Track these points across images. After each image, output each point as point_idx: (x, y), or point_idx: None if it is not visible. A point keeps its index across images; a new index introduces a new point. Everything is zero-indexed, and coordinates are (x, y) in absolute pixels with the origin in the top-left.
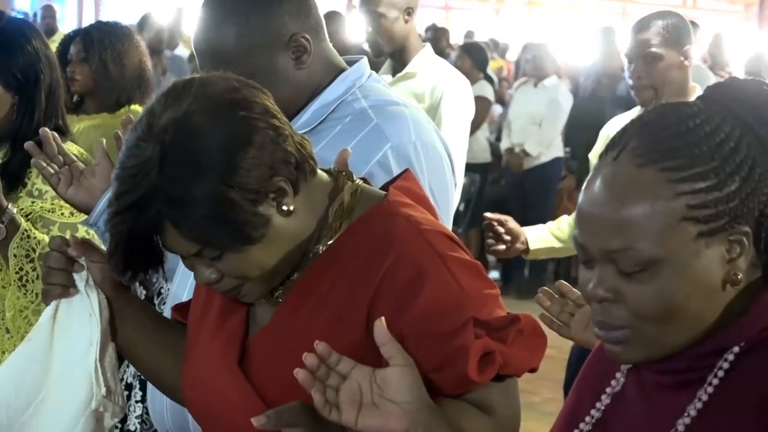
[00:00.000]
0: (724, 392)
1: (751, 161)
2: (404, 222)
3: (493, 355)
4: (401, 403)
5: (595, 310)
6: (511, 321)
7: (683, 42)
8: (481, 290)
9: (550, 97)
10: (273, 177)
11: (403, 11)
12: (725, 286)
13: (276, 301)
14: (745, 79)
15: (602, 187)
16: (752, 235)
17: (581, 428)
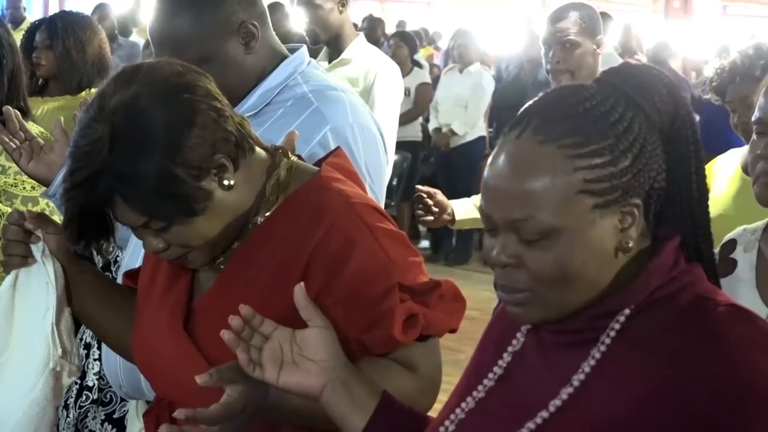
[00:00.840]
0: (616, 350)
1: (642, 140)
2: (335, 195)
3: (416, 317)
4: (319, 361)
5: (498, 274)
6: (433, 286)
7: (597, 31)
8: (405, 258)
9: (475, 82)
10: (215, 154)
11: (337, 2)
12: (617, 254)
13: (218, 268)
14: (637, 64)
15: (506, 162)
16: (642, 207)
17: (485, 383)
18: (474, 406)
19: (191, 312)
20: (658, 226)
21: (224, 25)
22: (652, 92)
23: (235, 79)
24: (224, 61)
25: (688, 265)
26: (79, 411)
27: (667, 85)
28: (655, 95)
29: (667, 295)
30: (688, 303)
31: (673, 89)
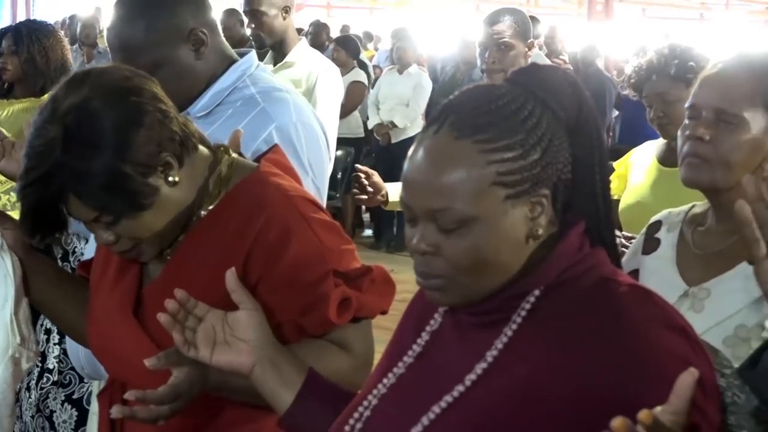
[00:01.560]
0: (526, 328)
1: (550, 135)
2: (273, 189)
3: (350, 300)
4: (249, 340)
5: (418, 261)
6: (365, 272)
7: (528, 35)
8: (339, 246)
9: (416, 82)
10: (161, 153)
11: (281, 9)
12: (528, 240)
13: (165, 259)
14: (544, 65)
15: (425, 156)
16: (550, 197)
17: (405, 361)
18: (395, 381)
19: (141, 300)
20: (564, 214)
21: (175, 32)
22: (558, 91)
23: (187, 82)
24: (176, 66)
25: (592, 249)
26: (40, 392)
27: (572, 84)
28: (561, 94)
29: (573, 277)
30: (592, 284)
31: (578, 88)
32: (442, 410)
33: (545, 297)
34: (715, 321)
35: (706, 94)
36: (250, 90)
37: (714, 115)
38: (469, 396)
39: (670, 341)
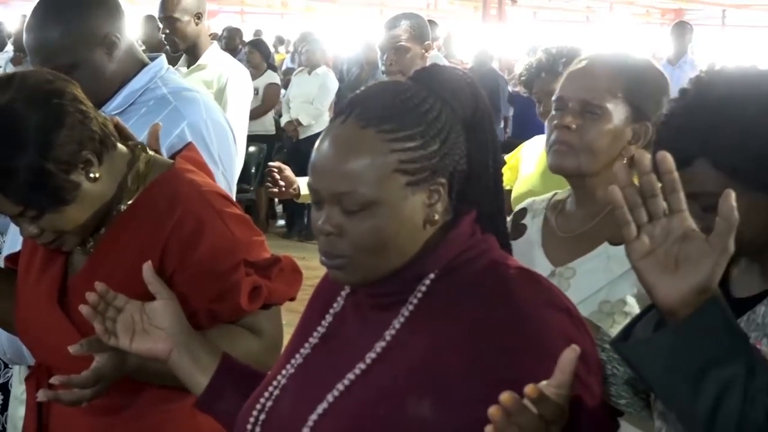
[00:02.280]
0: (422, 309)
1: (448, 129)
2: (187, 184)
3: (260, 288)
4: (165, 328)
5: (322, 242)
6: (274, 261)
7: (425, 37)
8: (250, 237)
9: (321, 82)
10: (81, 151)
11: (193, 16)
12: (425, 225)
13: (88, 250)
14: (444, 66)
15: (332, 144)
16: (447, 185)
17: (310, 341)
18: (302, 361)
19: (66, 289)
20: (459, 203)
21: (90, 36)
22: (456, 89)
23: (100, 83)
24: (90, 68)
25: (483, 235)
26: None
27: (469, 84)
28: (458, 92)
29: (465, 261)
30: (483, 267)
31: (474, 87)
32: (346, 387)
33: (440, 280)
34: (581, 298)
35: (572, 87)
36: (162, 90)
37: (579, 106)
38: (370, 373)
39: (555, 320)
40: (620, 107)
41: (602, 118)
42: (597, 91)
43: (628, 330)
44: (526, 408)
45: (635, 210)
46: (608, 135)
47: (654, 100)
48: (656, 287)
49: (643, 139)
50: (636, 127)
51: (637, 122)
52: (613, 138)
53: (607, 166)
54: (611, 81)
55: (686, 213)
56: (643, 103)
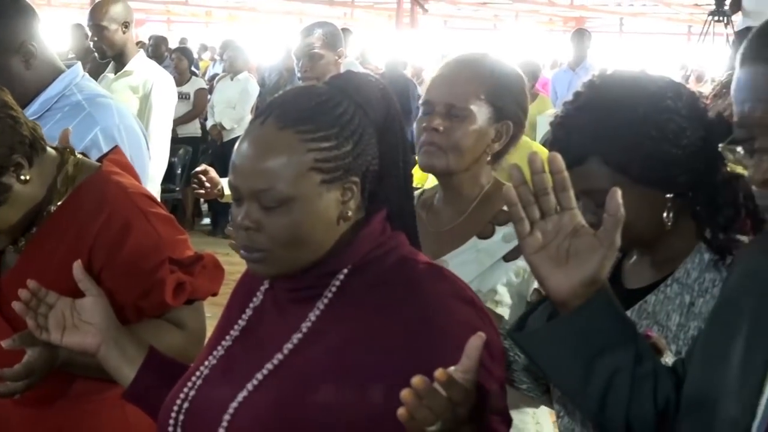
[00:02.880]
0: (337, 302)
1: (361, 130)
2: (114, 186)
3: (184, 284)
4: (94, 323)
5: (242, 236)
6: (197, 259)
7: (338, 45)
8: (174, 236)
9: (242, 87)
10: (12, 154)
11: (121, 24)
12: (339, 222)
13: (20, 249)
14: (358, 72)
15: (252, 144)
16: (360, 184)
17: (231, 334)
18: (223, 353)
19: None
20: (371, 202)
21: (7, 44)
22: (369, 94)
23: (18, 90)
24: (7, 75)
25: (393, 232)
26: None
27: (381, 89)
28: (371, 97)
29: (377, 257)
30: (393, 262)
31: (387, 93)
32: (264, 376)
33: (353, 275)
34: None
35: (438, 92)
36: (77, 97)
37: (445, 109)
38: (287, 363)
39: (461, 311)
40: (483, 108)
41: (467, 119)
42: (461, 94)
43: (523, 320)
44: (436, 391)
45: (528, 207)
46: (473, 135)
47: (514, 100)
48: (548, 280)
49: (506, 136)
50: (498, 126)
51: (499, 122)
52: (478, 137)
53: (473, 163)
54: (474, 84)
55: (576, 210)
56: (504, 103)
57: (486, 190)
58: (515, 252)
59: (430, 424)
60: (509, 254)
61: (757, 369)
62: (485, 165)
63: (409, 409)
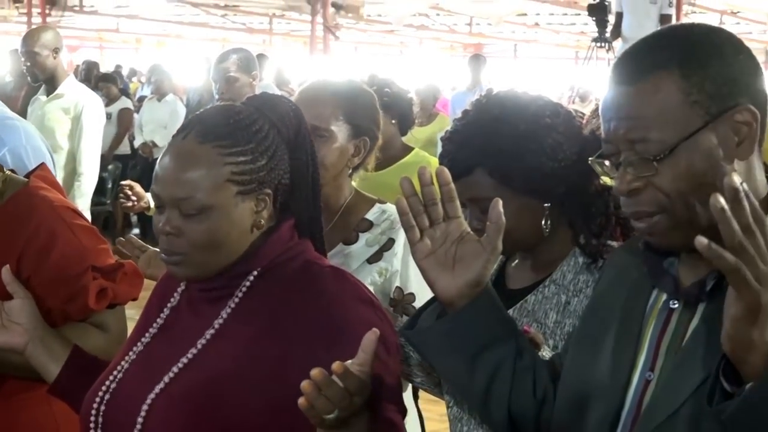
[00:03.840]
0: (247, 301)
1: (275, 147)
2: (41, 200)
3: (106, 290)
4: (22, 324)
5: (163, 241)
6: (118, 266)
7: (251, 69)
8: (96, 246)
9: (171, 108)
10: None
11: (52, 50)
12: (252, 229)
13: None
14: (273, 94)
15: (174, 156)
16: (272, 196)
17: (150, 332)
18: (142, 349)
19: None
20: (282, 211)
21: None
22: (282, 114)
23: None
24: None
25: (300, 239)
26: None
27: (294, 110)
28: (284, 117)
29: (284, 261)
30: (299, 266)
31: (298, 113)
32: (180, 369)
33: (262, 277)
34: None
35: None
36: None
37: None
38: (201, 357)
39: (359, 310)
40: (343, 127)
41: (329, 139)
42: (323, 116)
43: (414, 319)
44: (333, 382)
45: (418, 216)
46: (336, 152)
47: (369, 117)
48: (437, 282)
49: (363, 151)
50: (356, 142)
51: (357, 138)
52: (340, 154)
53: (337, 177)
54: (333, 106)
55: (462, 219)
56: (360, 121)
57: (348, 201)
58: (377, 255)
59: (328, 413)
60: (372, 257)
61: (626, 361)
62: (347, 178)
63: (309, 398)
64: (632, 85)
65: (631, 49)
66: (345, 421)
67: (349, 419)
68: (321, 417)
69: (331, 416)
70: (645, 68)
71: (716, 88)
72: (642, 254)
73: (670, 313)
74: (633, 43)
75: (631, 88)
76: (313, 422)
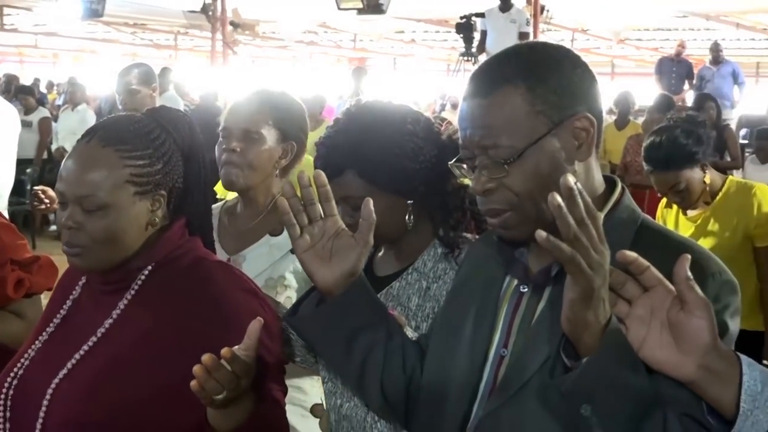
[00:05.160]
0: (142, 293)
1: (170, 153)
2: None
3: (23, 281)
4: None
5: (65, 234)
6: (34, 260)
7: (152, 82)
8: (14, 241)
9: (81, 117)
10: None
11: None
12: (147, 227)
13: None
14: (170, 107)
15: (78, 158)
16: (166, 197)
17: (54, 322)
18: (47, 337)
19: None
20: (175, 212)
21: None
22: (178, 125)
23: None
24: None
25: (191, 237)
26: None
27: (188, 122)
28: (179, 127)
29: (176, 257)
30: (190, 261)
31: (192, 125)
32: (81, 356)
33: (156, 271)
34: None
35: (234, 119)
36: None
37: (242, 133)
38: (100, 344)
39: (244, 300)
40: (272, 132)
41: (259, 141)
42: (254, 121)
43: (296, 307)
44: (222, 366)
45: (298, 215)
46: (264, 154)
47: (296, 124)
48: (316, 273)
49: (291, 154)
50: (284, 146)
51: (285, 142)
52: (269, 156)
53: (266, 177)
54: (264, 113)
55: (337, 217)
56: (288, 127)
57: (276, 198)
58: None
59: (218, 394)
60: None
61: (483, 340)
62: (275, 178)
63: (200, 381)
64: (484, 98)
65: (483, 65)
66: (233, 400)
67: (237, 399)
68: (211, 397)
69: (220, 396)
70: (495, 82)
71: (557, 99)
72: (496, 246)
73: (521, 297)
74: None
75: (483, 100)
76: (204, 402)
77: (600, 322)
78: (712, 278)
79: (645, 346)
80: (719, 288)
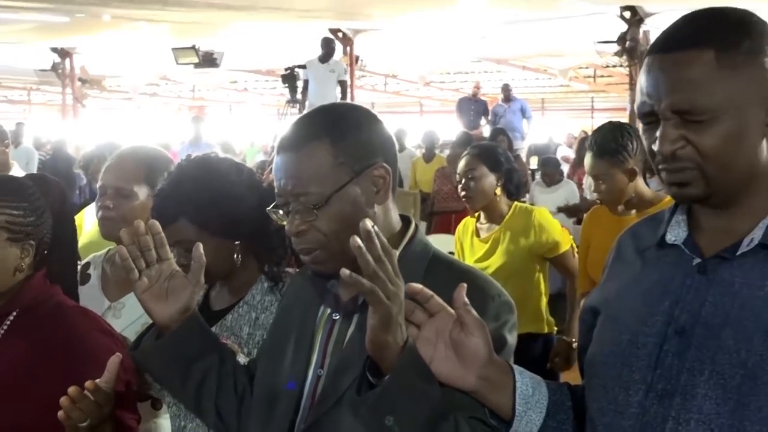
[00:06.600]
0: (10, 336)
1: (43, 210)
2: None
3: None
4: None
5: None
6: None
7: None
8: None
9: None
10: None
11: None
12: (15, 273)
13: None
14: (47, 176)
15: None
16: (35, 247)
17: None
18: None
19: None
20: (39, 265)
21: None
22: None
23: None
24: None
25: (52, 285)
26: None
27: (61, 189)
28: (53, 191)
29: (40, 302)
30: (52, 306)
31: (65, 192)
32: None
33: (22, 315)
34: (130, 322)
35: (108, 177)
36: None
37: (115, 191)
38: None
39: (101, 340)
40: (143, 188)
41: (131, 197)
42: (126, 179)
43: (138, 341)
44: (86, 397)
45: (137, 260)
46: (138, 207)
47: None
48: (154, 311)
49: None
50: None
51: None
52: (142, 209)
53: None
54: (135, 170)
55: (172, 260)
56: (156, 181)
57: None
58: None
59: (82, 422)
60: None
61: (302, 361)
62: None
63: (66, 411)
64: (295, 152)
65: (294, 122)
66: (95, 428)
67: (99, 426)
68: (77, 426)
69: (84, 424)
70: (304, 138)
71: (357, 152)
72: (311, 279)
73: (334, 323)
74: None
75: (294, 154)
76: (69, 431)
77: (398, 344)
78: (492, 300)
79: (433, 363)
80: (499, 308)
